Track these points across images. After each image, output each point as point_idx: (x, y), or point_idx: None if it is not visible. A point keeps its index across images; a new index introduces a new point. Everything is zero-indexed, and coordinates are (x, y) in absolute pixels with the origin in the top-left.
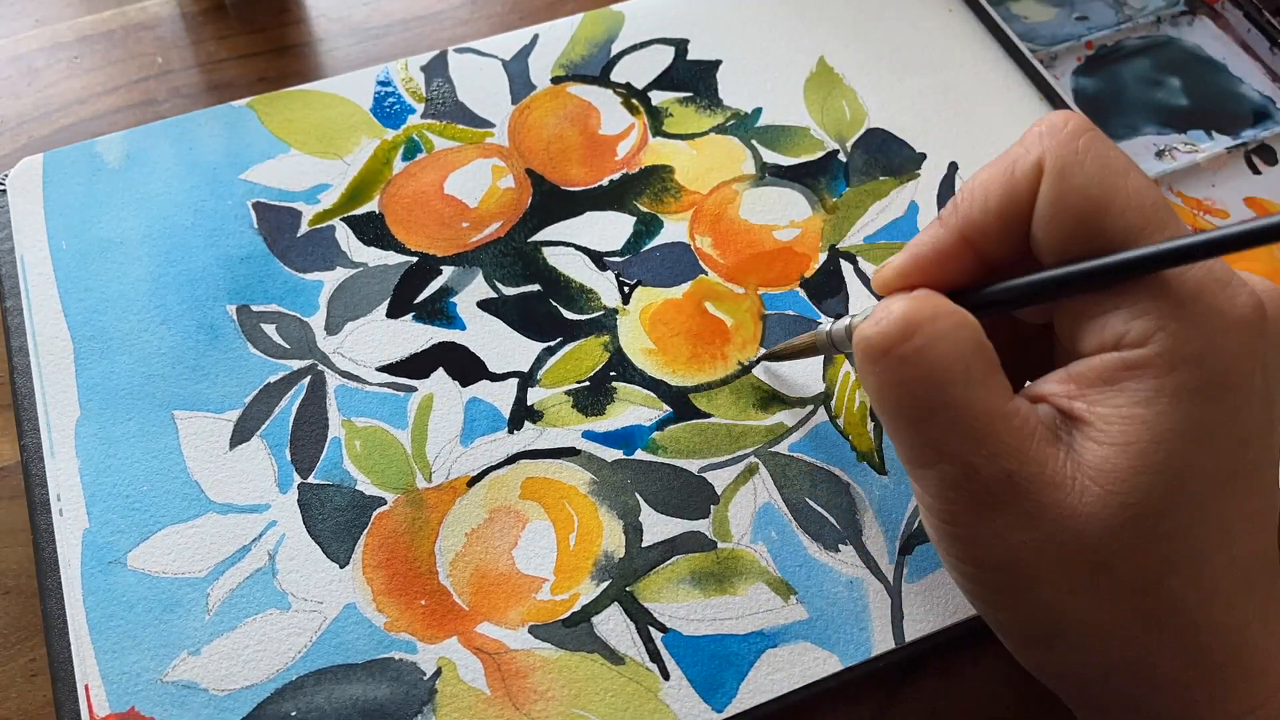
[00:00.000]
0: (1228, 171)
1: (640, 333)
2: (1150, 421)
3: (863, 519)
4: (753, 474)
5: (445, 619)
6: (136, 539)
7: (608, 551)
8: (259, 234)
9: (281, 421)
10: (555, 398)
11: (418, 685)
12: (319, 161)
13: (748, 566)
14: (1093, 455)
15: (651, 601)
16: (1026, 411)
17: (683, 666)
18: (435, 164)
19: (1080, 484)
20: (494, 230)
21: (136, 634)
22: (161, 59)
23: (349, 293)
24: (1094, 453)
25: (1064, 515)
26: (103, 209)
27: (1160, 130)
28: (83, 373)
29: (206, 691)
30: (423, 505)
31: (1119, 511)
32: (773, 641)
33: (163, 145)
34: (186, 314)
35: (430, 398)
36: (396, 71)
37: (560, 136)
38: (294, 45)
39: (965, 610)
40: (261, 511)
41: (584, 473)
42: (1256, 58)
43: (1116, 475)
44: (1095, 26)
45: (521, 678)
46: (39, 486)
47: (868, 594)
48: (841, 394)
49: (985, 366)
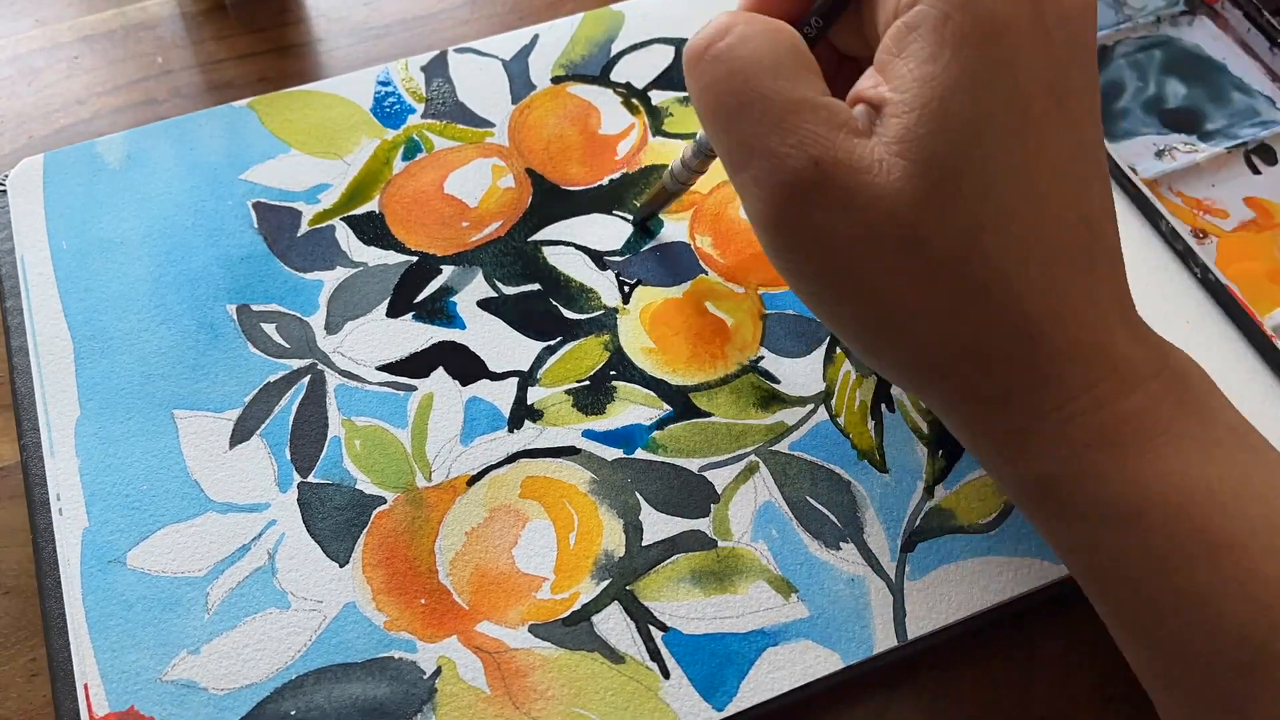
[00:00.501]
0: (1227, 171)
1: (640, 332)
2: (937, 77)
3: (864, 517)
4: (753, 473)
5: (445, 618)
6: (136, 538)
7: (608, 550)
8: (259, 234)
9: (281, 421)
10: (555, 397)
11: (417, 684)
12: (319, 161)
13: (748, 565)
14: (894, 128)
15: (652, 600)
16: (838, 108)
17: (683, 665)
18: (435, 164)
19: (887, 163)
20: (494, 230)
21: (136, 633)
22: (161, 59)
23: (349, 292)
24: (894, 126)
25: (874, 196)
26: (103, 209)
27: (1160, 130)
28: (83, 372)
29: (206, 690)
30: (422, 504)
31: (923, 179)
32: (773, 640)
33: (163, 145)
34: (186, 314)
35: (430, 397)
36: (396, 71)
37: (560, 136)
38: (294, 45)
39: (968, 608)
40: (261, 510)
41: (584, 472)
42: (1256, 57)
43: (916, 142)
44: None
45: (521, 677)
46: (39, 486)
47: (869, 592)
48: (842, 393)
49: (796, 63)
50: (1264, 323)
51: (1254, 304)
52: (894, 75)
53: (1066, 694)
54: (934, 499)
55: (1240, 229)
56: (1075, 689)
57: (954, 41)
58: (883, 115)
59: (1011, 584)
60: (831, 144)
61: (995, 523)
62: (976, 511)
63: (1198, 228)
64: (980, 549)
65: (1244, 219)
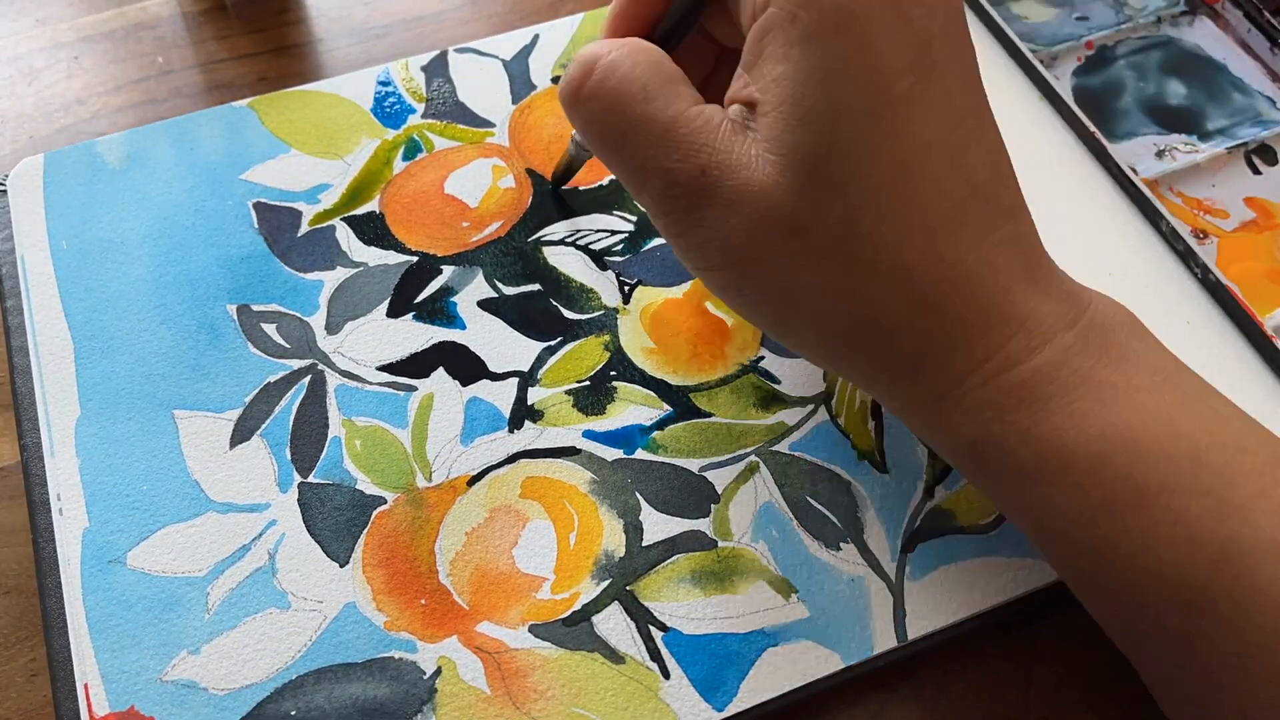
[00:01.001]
0: (1228, 171)
1: (640, 332)
2: (791, 75)
3: (864, 517)
4: (753, 473)
5: (445, 618)
6: (136, 538)
7: (608, 551)
8: (259, 234)
9: (282, 421)
10: (555, 397)
11: (418, 684)
12: (319, 161)
13: (748, 565)
14: (765, 127)
15: (652, 600)
16: (711, 112)
17: (683, 665)
18: (435, 164)
19: (763, 158)
20: (494, 230)
21: (136, 633)
22: (162, 59)
23: (349, 292)
24: (764, 125)
25: (756, 191)
26: (103, 209)
27: (1160, 130)
28: (83, 372)
29: (206, 690)
30: (423, 504)
31: (794, 171)
32: (774, 640)
33: (163, 145)
34: (187, 314)
35: (430, 397)
36: (397, 71)
37: (561, 136)
38: (294, 45)
39: (968, 608)
40: (261, 511)
41: (584, 472)
42: (1257, 58)
43: (783, 138)
44: (1095, 26)
45: (522, 677)
46: (39, 486)
47: (869, 592)
48: (842, 393)
49: (662, 80)
50: (1264, 323)
51: (1254, 304)
52: (758, 76)
53: (1066, 695)
54: (934, 499)
55: (1240, 229)
56: (1075, 690)
57: (801, 39)
58: (755, 114)
59: (1011, 584)
60: (713, 149)
61: (995, 523)
62: (976, 512)
63: (1198, 228)
64: (980, 549)
65: (1244, 219)
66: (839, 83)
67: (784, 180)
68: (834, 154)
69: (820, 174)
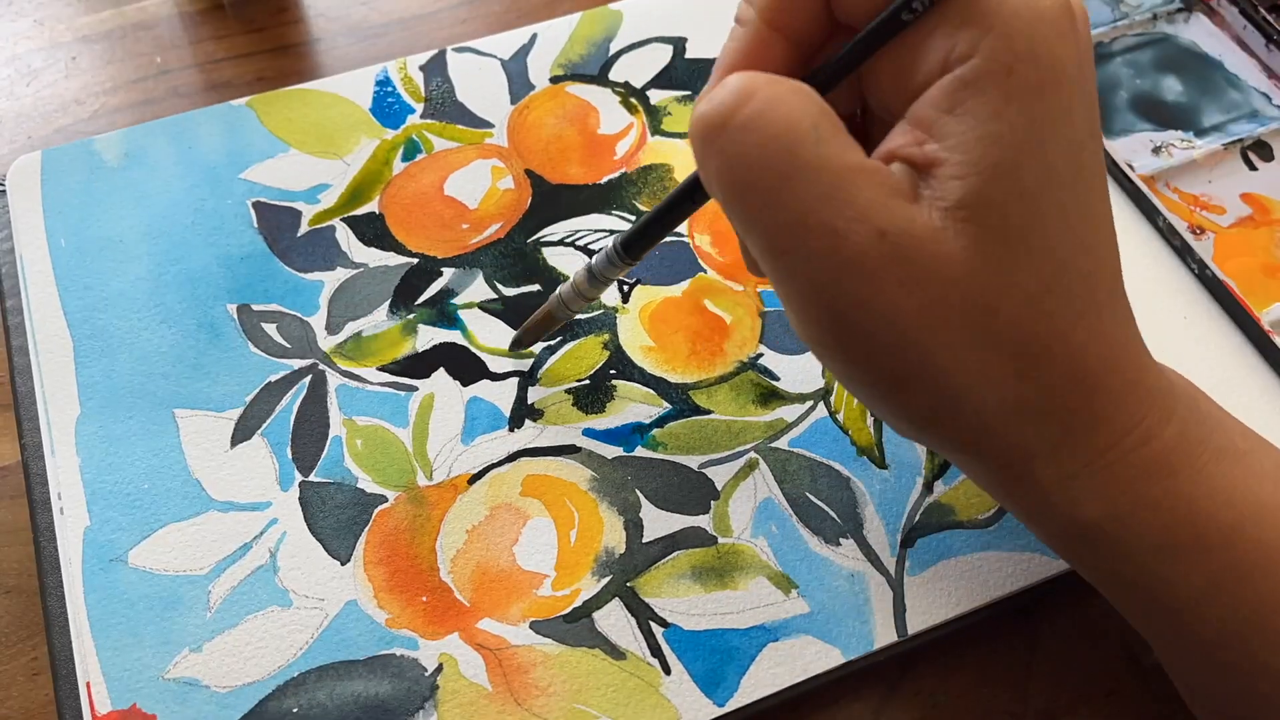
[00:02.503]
0: (1224, 167)
1: (640, 331)
2: (1004, 136)
3: (863, 513)
4: (753, 469)
5: (446, 615)
6: (138, 537)
7: (608, 547)
8: (259, 233)
9: (282, 420)
10: (555, 396)
11: (419, 681)
12: (319, 161)
13: (748, 561)
14: (959, 191)
15: (652, 597)
16: (887, 172)
17: (684, 661)
18: (435, 165)
19: (953, 229)
20: (494, 231)
21: (138, 631)
22: (160, 59)
23: (350, 293)
24: (959, 189)
25: (943, 266)
26: (102, 207)
27: (1157, 127)
28: (83, 371)
29: (208, 688)
30: (424, 503)
31: (991, 244)
32: (774, 635)
33: (161, 143)
34: (187, 313)
35: (431, 397)
36: (395, 71)
37: (559, 136)
38: (292, 45)
39: (968, 603)
40: (262, 509)
41: (584, 470)
42: (1252, 54)
43: (985, 206)
44: (1092, 24)
45: (523, 673)
46: (40, 485)
47: (869, 587)
48: (841, 390)
49: (833, 125)
50: (1261, 318)
51: (1250, 299)
52: (948, 134)
53: (1066, 688)
54: (933, 495)
55: (1237, 225)
56: (1074, 683)
57: (1021, 96)
58: (934, 176)
59: (1011, 579)
60: (894, 212)
61: (994, 518)
62: (975, 507)
63: (1194, 224)
64: (979, 544)
65: (1240, 215)
66: (1051, 147)
67: (977, 254)
68: (1037, 225)
69: (1019, 248)
